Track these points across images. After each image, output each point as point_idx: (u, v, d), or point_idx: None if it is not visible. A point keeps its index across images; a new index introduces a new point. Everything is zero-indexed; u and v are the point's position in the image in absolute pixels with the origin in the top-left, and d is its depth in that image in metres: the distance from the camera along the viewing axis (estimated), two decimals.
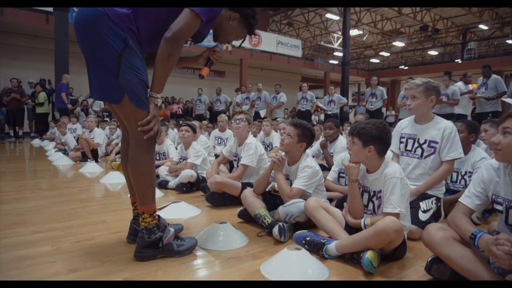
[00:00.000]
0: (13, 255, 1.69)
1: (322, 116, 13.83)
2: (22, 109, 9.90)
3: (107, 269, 1.55)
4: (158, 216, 1.72)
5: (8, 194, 2.97)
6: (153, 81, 1.60)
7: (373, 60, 32.18)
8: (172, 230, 1.73)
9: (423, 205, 2.06)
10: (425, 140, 2.20)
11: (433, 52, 28.84)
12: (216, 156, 4.80)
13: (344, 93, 17.47)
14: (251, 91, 10.28)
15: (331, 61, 26.84)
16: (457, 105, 7.18)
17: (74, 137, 6.57)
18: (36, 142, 8.59)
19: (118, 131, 6.31)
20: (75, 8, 10.71)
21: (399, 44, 27.25)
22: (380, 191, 1.74)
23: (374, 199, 1.78)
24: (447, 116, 6.92)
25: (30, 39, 11.93)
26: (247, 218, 2.27)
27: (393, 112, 17.64)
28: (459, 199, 1.59)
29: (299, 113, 9.51)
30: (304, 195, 2.09)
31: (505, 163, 1.49)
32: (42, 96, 9.76)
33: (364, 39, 27.36)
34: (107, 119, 9.47)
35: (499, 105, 6.86)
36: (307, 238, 1.76)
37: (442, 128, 2.17)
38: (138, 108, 1.58)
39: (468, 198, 1.55)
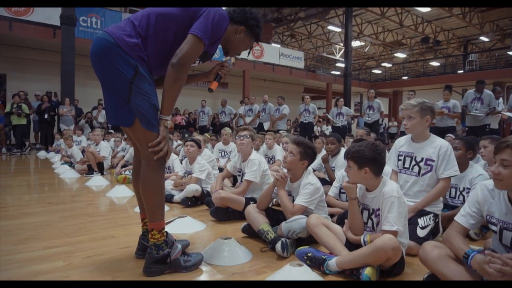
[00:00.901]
0: (28, 270, 1.77)
1: (329, 128, 13.92)
2: (29, 122, 10.04)
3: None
4: (167, 232, 1.79)
5: (19, 209, 3.06)
6: (162, 104, 1.69)
7: (375, 71, 32.40)
8: (179, 246, 1.81)
9: (421, 221, 2.13)
10: (422, 158, 2.28)
11: (434, 63, 29.02)
12: (220, 169, 4.90)
13: (346, 104, 17.54)
14: (254, 103, 10.40)
15: (333, 72, 27.07)
16: (458, 118, 7.26)
17: (79, 149, 6.70)
18: (42, 154, 8.72)
19: (123, 144, 6.42)
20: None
21: (400, 55, 27.46)
22: (378, 209, 1.81)
23: (373, 216, 1.85)
24: (449, 129, 7.02)
25: (37, 53, 12.15)
26: (250, 233, 2.34)
27: (395, 123, 17.72)
28: (455, 218, 1.66)
29: (302, 125, 9.61)
30: (306, 211, 2.17)
31: None
32: (25, 108, 9.50)
33: (366, 50, 27.60)
34: (112, 131, 9.58)
35: (493, 118, 7.01)
36: (309, 254, 1.83)
37: (438, 147, 2.25)
38: (148, 130, 1.67)
39: (463, 217, 1.62)
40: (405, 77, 27.36)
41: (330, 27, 21.94)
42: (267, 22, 22.37)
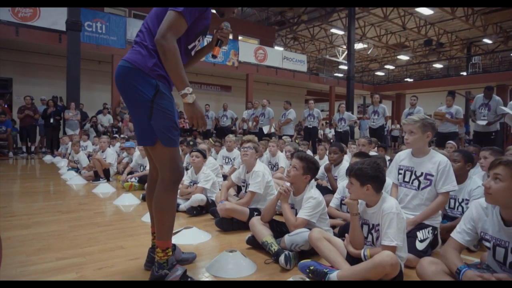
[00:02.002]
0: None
1: (332, 131, 13.99)
2: (35, 126, 10.19)
3: None
4: (173, 251, 1.86)
5: (30, 218, 3.15)
6: (173, 82, 1.73)
7: (378, 73, 32.42)
8: (179, 271, 1.79)
9: (420, 234, 2.20)
10: (422, 173, 2.35)
11: (438, 65, 29.00)
12: (224, 176, 4.99)
13: (349, 107, 17.63)
14: (257, 107, 10.49)
15: (336, 74, 27.14)
16: (460, 124, 7.31)
17: (85, 154, 6.80)
18: (48, 158, 8.83)
19: (128, 143, 6.49)
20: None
21: (403, 57, 27.47)
22: (378, 225, 1.88)
23: (373, 231, 1.92)
24: (451, 135, 7.07)
25: (43, 57, 12.28)
26: (255, 244, 2.42)
27: (398, 126, 17.75)
28: (451, 234, 1.74)
29: (306, 130, 9.68)
30: (308, 224, 2.24)
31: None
32: None
33: (368, 52, 27.63)
34: (116, 135, 9.70)
35: (498, 124, 7.00)
36: (311, 267, 1.90)
37: (437, 162, 2.32)
38: (167, 146, 1.74)
39: (459, 234, 1.70)
40: (408, 79, 27.37)
41: (333, 30, 22.01)
42: (270, 25, 22.49)
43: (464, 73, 22.23)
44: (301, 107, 22.19)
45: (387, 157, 5.54)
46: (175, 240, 2.45)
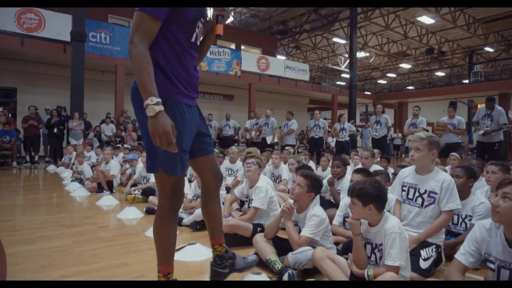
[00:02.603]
0: None
1: (335, 140, 13.97)
2: (38, 135, 10.25)
3: None
4: (233, 258, 1.91)
5: (34, 232, 3.17)
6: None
7: (381, 81, 32.51)
8: None
9: (423, 253, 2.20)
10: (425, 190, 2.36)
11: (440, 73, 29.06)
12: (227, 189, 5.00)
13: (351, 115, 17.67)
14: (260, 117, 10.51)
15: (338, 82, 27.23)
16: (463, 134, 7.30)
17: (88, 164, 6.83)
18: (51, 168, 8.87)
19: (130, 155, 6.53)
20: (90, 37, 11.21)
21: (405, 66, 27.56)
22: (381, 244, 1.89)
23: (376, 251, 1.93)
24: (454, 145, 7.06)
25: (47, 67, 12.40)
26: (258, 261, 2.42)
27: (400, 135, 17.74)
28: (455, 256, 1.74)
29: (312, 140, 9.70)
30: (312, 242, 2.25)
31: (497, 224, 1.64)
32: None
33: (370, 61, 27.74)
34: (120, 145, 9.74)
35: (502, 134, 6.98)
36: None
37: (441, 180, 2.33)
38: (166, 173, 1.61)
39: (463, 256, 1.70)
40: (411, 87, 27.44)
41: (335, 39, 22.13)
42: (273, 34, 22.64)
43: (466, 81, 22.27)
44: (304, 116, 22.26)
45: (391, 170, 5.56)
46: (178, 256, 2.46)
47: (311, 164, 6.59)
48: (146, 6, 1.47)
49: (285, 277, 2.07)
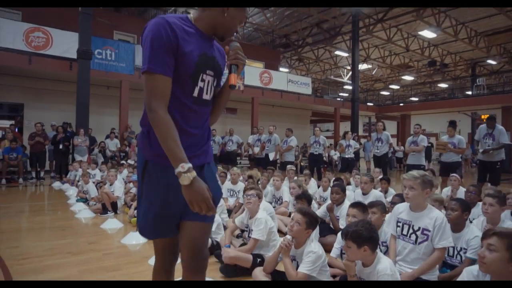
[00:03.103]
0: None
1: (338, 153, 14.01)
2: (44, 152, 10.41)
3: None
4: None
5: (41, 260, 3.26)
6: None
7: (383, 93, 32.64)
8: None
9: None
10: (419, 228, 2.44)
11: (443, 85, 29.17)
12: (228, 211, 5.09)
13: (354, 128, 17.76)
14: (262, 133, 10.63)
15: (341, 94, 27.38)
16: (463, 153, 7.36)
17: (93, 182, 6.96)
18: (57, 184, 9.00)
19: (134, 176, 6.64)
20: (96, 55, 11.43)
21: (408, 78, 27.68)
22: None
23: None
24: (454, 165, 7.12)
25: (53, 83, 12.64)
26: None
27: (402, 148, 17.74)
28: None
29: (311, 156, 9.79)
30: (309, 277, 2.33)
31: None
32: None
33: (373, 73, 27.90)
34: (124, 162, 9.86)
35: (503, 153, 7.02)
36: None
37: (434, 218, 2.41)
38: (140, 234, 1.59)
39: None
40: (414, 98, 27.55)
41: (337, 52, 22.35)
42: (275, 47, 22.92)
43: (469, 92, 22.30)
44: (307, 129, 22.38)
45: (392, 191, 5.62)
46: None
47: (312, 182, 6.67)
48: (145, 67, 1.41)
49: None
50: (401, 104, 24.31)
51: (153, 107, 1.37)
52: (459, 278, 1.82)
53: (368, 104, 30.08)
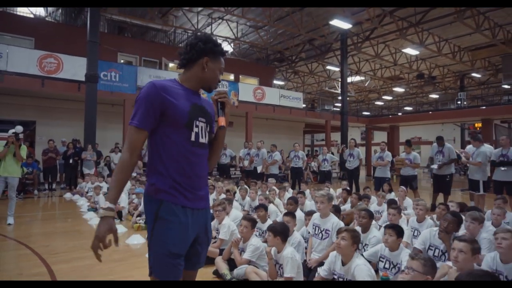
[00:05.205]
0: None
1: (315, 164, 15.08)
2: (56, 166, 11.66)
3: None
4: None
5: (68, 254, 4.48)
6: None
7: (378, 103, 33.90)
8: None
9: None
10: (324, 229, 3.62)
11: (434, 96, 30.35)
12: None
13: (344, 139, 18.89)
14: (251, 148, 11.83)
15: (337, 104, 28.54)
16: (417, 167, 8.55)
17: (102, 193, 8.15)
18: (68, 196, 10.20)
19: (137, 189, 7.81)
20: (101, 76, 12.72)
21: (399, 89, 28.83)
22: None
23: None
24: (410, 177, 8.30)
25: (62, 102, 13.92)
26: (217, 274, 3.68)
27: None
28: None
29: (293, 169, 10.97)
30: (251, 262, 3.51)
31: None
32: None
33: (366, 84, 29.07)
34: None
35: (452, 168, 8.19)
36: None
37: (332, 222, 3.58)
38: (155, 276, 1.73)
39: None
40: (408, 108, 28.74)
41: (329, 67, 23.59)
42: (270, 62, 24.22)
43: (459, 103, 23.29)
44: (300, 140, 23.54)
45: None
46: None
47: (287, 195, 7.79)
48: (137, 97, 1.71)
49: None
50: (390, 116, 25.49)
51: (123, 149, 1.71)
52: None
53: (364, 113, 31.40)
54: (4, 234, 5.50)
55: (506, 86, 24.40)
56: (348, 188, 7.99)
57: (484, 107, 20.52)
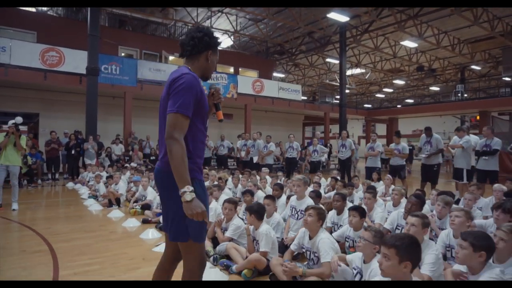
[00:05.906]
0: (82, 270, 3.48)
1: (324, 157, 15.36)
2: (58, 156, 12.02)
3: None
4: None
5: (68, 235, 4.83)
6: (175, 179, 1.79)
7: (379, 95, 33.99)
8: None
9: None
10: (299, 210, 3.94)
11: (435, 88, 30.37)
12: None
13: (342, 131, 19.10)
14: (248, 139, 12.13)
15: (337, 96, 28.72)
16: (406, 158, 8.83)
17: (103, 182, 8.51)
18: (70, 185, 10.57)
19: (135, 177, 8.13)
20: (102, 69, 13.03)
21: (399, 82, 28.91)
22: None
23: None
24: (398, 167, 8.59)
25: (64, 95, 14.27)
26: None
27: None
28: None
29: (287, 160, 11.29)
30: (233, 240, 3.84)
31: None
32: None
33: (366, 77, 29.16)
34: (127, 165, 11.44)
35: (440, 158, 8.44)
36: (225, 263, 3.50)
37: (307, 203, 3.90)
38: (195, 242, 1.87)
39: None
40: (410, 100, 28.84)
41: (328, 60, 23.73)
42: (271, 55, 24.39)
43: (459, 95, 23.40)
44: (299, 131, 23.81)
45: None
46: (157, 249, 4.07)
47: (282, 180, 8.11)
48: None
49: (211, 259, 3.67)
50: (388, 109, 25.67)
51: (176, 136, 1.79)
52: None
53: (366, 105, 31.53)
54: (9, 218, 5.87)
55: (507, 79, 24.43)
56: (338, 177, 8.28)
57: (481, 100, 20.60)
